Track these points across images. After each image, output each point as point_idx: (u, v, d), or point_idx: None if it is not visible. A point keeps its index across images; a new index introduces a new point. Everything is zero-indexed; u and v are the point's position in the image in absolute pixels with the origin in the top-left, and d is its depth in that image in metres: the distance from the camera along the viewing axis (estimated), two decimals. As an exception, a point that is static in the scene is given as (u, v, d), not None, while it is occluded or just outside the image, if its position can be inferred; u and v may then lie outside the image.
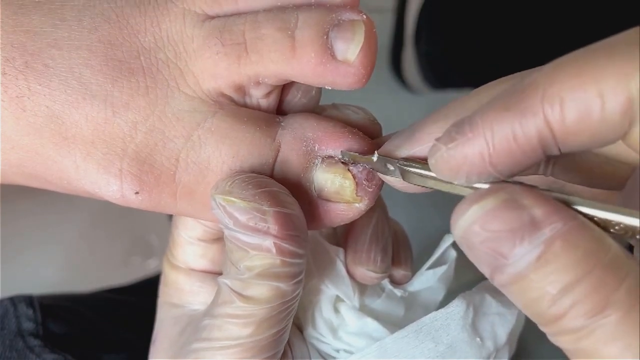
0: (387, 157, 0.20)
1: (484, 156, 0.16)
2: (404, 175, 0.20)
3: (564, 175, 0.20)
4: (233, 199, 0.20)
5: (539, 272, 0.15)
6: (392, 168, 0.20)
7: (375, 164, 0.21)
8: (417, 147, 0.19)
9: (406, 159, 0.20)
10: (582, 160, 0.19)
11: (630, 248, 0.18)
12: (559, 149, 0.15)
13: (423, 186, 0.19)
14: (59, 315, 0.35)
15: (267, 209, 0.20)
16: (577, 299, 0.14)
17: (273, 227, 0.20)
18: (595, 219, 0.16)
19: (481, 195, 0.16)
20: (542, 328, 0.16)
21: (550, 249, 0.14)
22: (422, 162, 0.19)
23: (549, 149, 0.15)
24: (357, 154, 0.21)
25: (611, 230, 0.16)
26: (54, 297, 0.38)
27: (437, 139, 0.17)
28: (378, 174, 0.21)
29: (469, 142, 0.16)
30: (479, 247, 0.16)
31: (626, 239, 0.16)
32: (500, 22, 0.65)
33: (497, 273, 0.15)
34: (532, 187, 0.16)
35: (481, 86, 0.18)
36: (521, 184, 0.16)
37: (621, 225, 0.15)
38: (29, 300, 0.34)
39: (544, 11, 0.62)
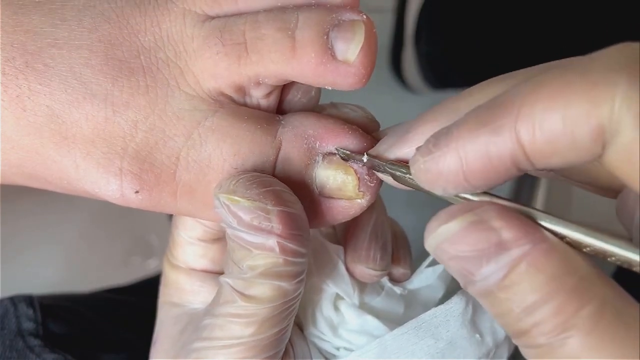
0: (376, 159, 0.20)
1: (458, 172, 0.16)
2: (394, 176, 0.20)
3: (569, 176, 0.20)
4: (237, 198, 0.20)
5: (504, 292, 0.15)
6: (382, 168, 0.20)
7: (366, 163, 0.21)
8: (407, 149, 0.19)
9: (394, 162, 0.20)
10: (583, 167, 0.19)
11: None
12: (534, 166, 0.15)
13: (412, 187, 0.20)
14: (59, 315, 0.35)
15: (271, 208, 0.20)
16: (539, 319, 0.15)
17: (277, 227, 0.20)
18: (566, 239, 0.16)
19: (450, 215, 0.16)
20: (512, 339, 0.16)
21: (515, 271, 0.15)
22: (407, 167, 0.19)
23: (522, 167, 0.15)
24: (349, 152, 0.21)
25: (583, 250, 0.16)
26: (54, 297, 0.38)
27: (418, 149, 0.17)
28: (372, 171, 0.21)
29: (443, 157, 0.16)
30: (449, 263, 0.16)
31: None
32: (500, 22, 0.65)
33: (468, 285, 0.16)
34: (505, 208, 0.16)
35: (474, 86, 0.18)
36: (496, 201, 0.17)
37: (590, 248, 0.16)
38: (29, 300, 0.34)
39: (543, 11, 0.62)
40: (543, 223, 0.16)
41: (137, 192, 0.21)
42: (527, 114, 0.14)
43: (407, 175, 0.19)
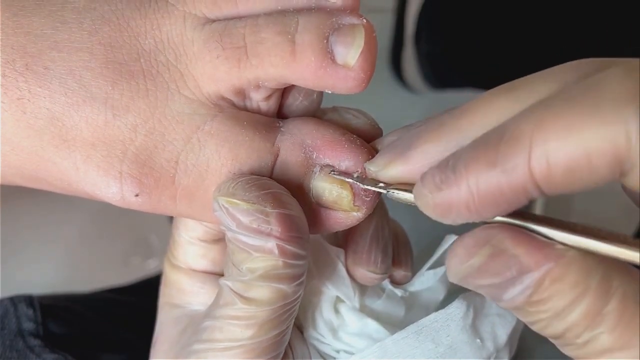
0: (375, 186, 0.20)
1: (470, 206, 0.16)
2: (391, 196, 0.20)
3: None
4: (236, 200, 0.20)
5: (532, 306, 0.16)
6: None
7: (359, 181, 0.21)
8: (408, 167, 0.19)
9: (391, 186, 0.20)
10: None
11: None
12: (546, 194, 0.16)
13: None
14: (59, 315, 0.35)
15: (270, 210, 0.20)
16: (569, 324, 0.16)
17: (276, 229, 0.20)
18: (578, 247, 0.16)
19: (467, 251, 0.17)
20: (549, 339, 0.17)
21: (540, 288, 0.16)
22: (408, 187, 0.19)
23: (534, 196, 0.16)
24: (343, 172, 0.21)
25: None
26: (54, 297, 0.38)
27: (422, 179, 0.17)
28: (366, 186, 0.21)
29: (453, 194, 0.16)
30: (477, 290, 0.18)
31: None
32: (500, 22, 0.65)
33: (496, 302, 0.17)
34: (519, 230, 0.17)
35: (476, 100, 0.18)
36: (511, 224, 0.17)
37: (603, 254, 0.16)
38: (29, 300, 0.35)
39: (543, 11, 0.62)
40: (555, 237, 0.17)
41: (137, 195, 0.21)
42: (540, 150, 0.15)
43: (408, 197, 0.19)
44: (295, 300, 0.21)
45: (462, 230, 0.18)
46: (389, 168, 0.20)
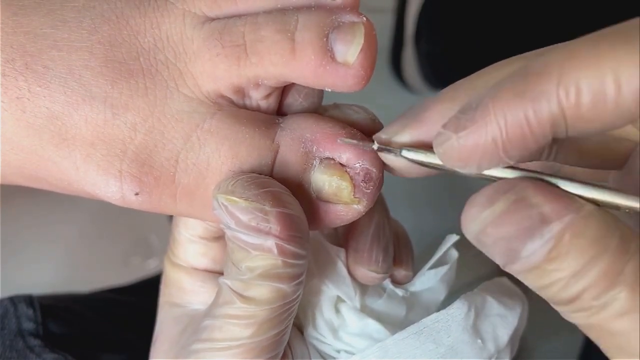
0: (387, 147, 0.20)
1: (497, 143, 0.16)
2: (411, 160, 0.19)
3: (563, 157, 0.20)
4: (235, 198, 0.20)
5: (551, 263, 0.16)
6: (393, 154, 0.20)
7: (378, 149, 0.21)
8: (423, 129, 0.19)
9: (408, 146, 0.19)
10: (584, 142, 0.19)
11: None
12: (567, 133, 0.15)
13: (433, 168, 0.19)
14: (59, 315, 0.35)
15: (269, 209, 0.20)
16: (587, 284, 0.15)
17: (275, 228, 0.20)
18: (599, 202, 0.16)
19: (490, 198, 0.16)
20: (555, 307, 0.17)
21: (561, 242, 0.15)
22: (426, 149, 0.19)
23: (559, 134, 0.15)
24: (355, 141, 0.21)
25: (617, 209, 0.16)
26: (54, 297, 0.38)
27: (444, 126, 0.17)
28: (381, 154, 0.21)
29: (481, 130, 0.16)
30: (493, 246, 0.16)
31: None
32: (500, 22, 0.65)
33: (511, 264, 0.16)
34: (539, 182, 0.16)
35: (489, 66, 0.18)
36: (530, 177, 0.17)
37: (622, 207, 0.16)
38: (29, 300, 0.35)
39: (543, 11, 0.62)
40: (575, 191, 0.16)
41: (137, 194, 0.21)
42: (570, 79, 0.14)
43: (427, 159, 0.19)
44: (294, 299, 0.21)
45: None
46: (403, 133, 0.19)
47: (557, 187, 0.17)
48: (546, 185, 0.16)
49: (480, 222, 0.16)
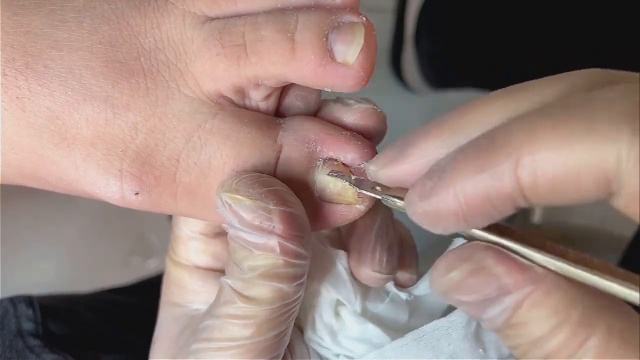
0: (375, 193, 0.21)
1: (458, 214, 0.16)
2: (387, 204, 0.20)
3: None
4: (239, 197, 0.20)
5: (511, 329, 0.16)
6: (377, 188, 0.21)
7: (356, 182, 0.21)
8: (406, 166, 0.19)
9: (389, 193, 0.20)
10: None
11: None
12: (533, 204, 0.16)
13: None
14: (58, 315, 0.35)
15: (272, 207, 0.20)
16: (549, 352, 0.16)
17: (278, 227, 0.20)
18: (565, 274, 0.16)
19: (449, 265, 0.17)
20: None
21: (519, 311, 0.16)
22: (403, 194, 0.19)
23: (521, 205, 0.16)
24: (341, 173, 0.22)
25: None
26: (54, 297, 0.38)
27: (412, 188, 0.17)
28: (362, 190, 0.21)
29: (441, 202, 0.16)
30: (458, 306, 0.18)
31: None
32: (500, 22, 0.65)
33: (478, 321, 0.17)
34: (501, 250, 0.17)
35: (479, 99, 0.18)
36: (494, 243, 0.17)
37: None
38: (28, 300, 0.34)
39: (543, 11, 0.62)
40: (540, 261, 0.16)
41: (137, 193, 0.21)
42: (528, 161, 0.14)
43: (400, 205, 0.19)
44: (295, 300, 0.21)
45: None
46: (388, 167, 0.20)
47: (524, 255, 0.17)
48: (508, 255, 0.16)
49: (442, 287, 0.17)
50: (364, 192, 0.21)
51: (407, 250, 0.28)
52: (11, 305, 0.34)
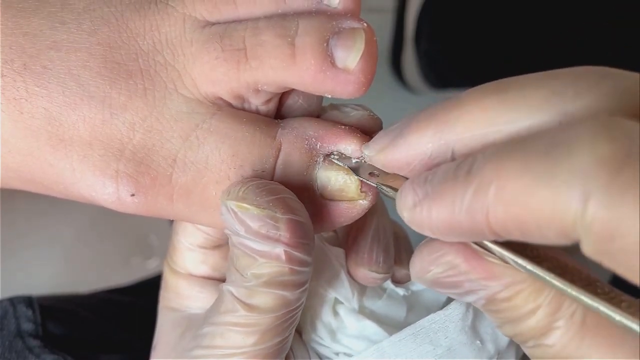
0: (370, 167, 0.21)
1: (434, 232, 0.17)
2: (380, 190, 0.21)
3: None
4: (246, 205, 0.20)
5: (491, 311, 0.18)
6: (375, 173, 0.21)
7: (354, 166, 0.21)
8: (397, 156, 0.19)
9: (384, 173, 0.20)
10: None
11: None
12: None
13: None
14: (58, 316, 0.35)
15: (280, 216, 0.19)
16: (518, 332, 0.17)
17: (284, 235, 0.19)
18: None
19: (423, 268, 0.18)
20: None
21: (492, 302, 0.18)
22: (398, 185, 0.19)
23: (492, 239, 0.16)
24: (342, 163, 0.22)
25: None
26: (54, 297, 0.38)
27: (400, 195, 0.18)
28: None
29: (424, 218, 0.17)
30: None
31: None
32: (499, 22, 0.65)
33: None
34: (470, 249, 0.17)
35: (468, 94, 0.18)
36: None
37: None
38: (28, 301, 0.34)
39: (543, 11, 0.62)
40: (510, 260, 0.17)
41: (133, 195, 0.21)
42: (497, 206, 0.15)
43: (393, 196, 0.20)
44: (298, 307, 0.21)
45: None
46: (382, 154, 0.20)
47: (497, 254, 0.17)
48: (477, 255, 0.17)
49: (420, 282, 0.19)
50: (362, 179, 0.21)
51: (403, 247, 0.28)
52: (11, 305, 0.34)
